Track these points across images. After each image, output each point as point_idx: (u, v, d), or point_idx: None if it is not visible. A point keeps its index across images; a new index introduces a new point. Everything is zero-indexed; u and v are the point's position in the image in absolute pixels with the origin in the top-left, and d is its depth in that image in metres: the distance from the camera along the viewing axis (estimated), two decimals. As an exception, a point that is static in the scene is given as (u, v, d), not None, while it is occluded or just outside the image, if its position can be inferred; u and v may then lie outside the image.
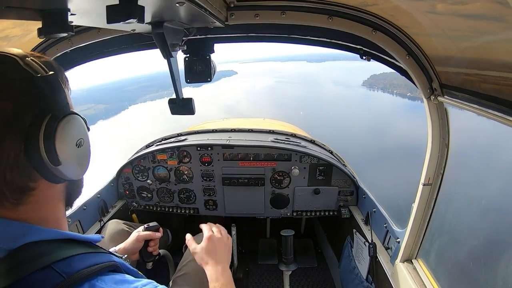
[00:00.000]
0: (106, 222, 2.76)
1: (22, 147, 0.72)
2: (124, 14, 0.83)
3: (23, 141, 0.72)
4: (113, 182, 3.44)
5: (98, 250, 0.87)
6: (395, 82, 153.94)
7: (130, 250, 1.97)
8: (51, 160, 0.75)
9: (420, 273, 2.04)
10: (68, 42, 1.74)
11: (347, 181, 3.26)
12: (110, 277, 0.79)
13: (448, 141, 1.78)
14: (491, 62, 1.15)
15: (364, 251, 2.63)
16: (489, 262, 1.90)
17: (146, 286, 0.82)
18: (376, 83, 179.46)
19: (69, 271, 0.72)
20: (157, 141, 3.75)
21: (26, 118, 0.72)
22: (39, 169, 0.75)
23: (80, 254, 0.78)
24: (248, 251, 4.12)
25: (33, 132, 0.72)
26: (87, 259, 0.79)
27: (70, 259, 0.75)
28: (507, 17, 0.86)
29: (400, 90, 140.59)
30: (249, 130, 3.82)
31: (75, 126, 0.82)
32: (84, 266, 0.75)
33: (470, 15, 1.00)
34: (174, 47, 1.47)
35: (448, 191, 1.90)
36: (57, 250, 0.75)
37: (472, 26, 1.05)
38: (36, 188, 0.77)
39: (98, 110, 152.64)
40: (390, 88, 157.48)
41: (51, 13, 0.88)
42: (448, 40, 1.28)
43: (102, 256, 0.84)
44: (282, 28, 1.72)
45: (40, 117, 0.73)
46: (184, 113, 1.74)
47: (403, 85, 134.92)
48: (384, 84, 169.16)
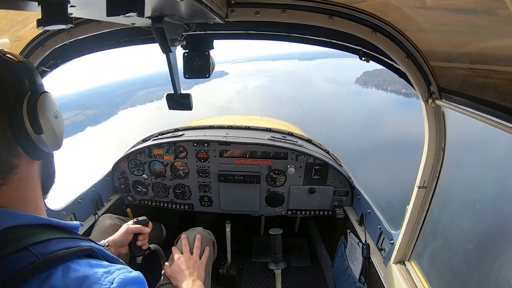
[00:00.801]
0: (100, 215, 2.76)
1: (7, 124, 0.78)
2: (124, 8, 0.83)
3: (8, 118, 0.78)
4: (108, 176, 3.44)
5: (76, 236, 0.89)
6: (388, 78, 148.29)
7: (118, 242, 1.99)
8: (34, 130, 0.81)
9: (412, 275, 2.05)
10: (67, 34, 1.73)
11: (343, 181, 3.27)
12: (85, 261, 0.81)
13: (444, 144, 1.79)
14: (490, 67, 1.16)
15: (358, 252, 2.64)
16: (481, 265, 1.91)
17: (120, 270, 0.83)
18: (370, 80, 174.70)
19: (45, 252, 0.75)
20: (154, 135, 3.74)
21: (9, 98, 0.79)
22: (23, 142, 0.80)
23: (57, 239, 0.81)
24: (241, 248, 4.12)
25: (17, 108, 0.79)
26: (64, 243, 0.81)
27: (46, 242, 0.78)
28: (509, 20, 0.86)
29: (394, 87, 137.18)
30: (246, 128, 3.82)
31: (51, 101, 0.89)
32: (60, 249, 0.78)
33: (467, 14, 1.00)
34: (173, 42, 1.47)
35: (443, 194, 1.91)
36: (35, 234, 0.78)
37: (472, 30, 1.05)
38: (19, 165, 0.82)
39: (86, 116, 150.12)
40: (384, 85, 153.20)
41: (51, 4, 0.87)
42: (448, 44, 1.29)
43: (79, 242, 0.86)
44: (282, 27, 1.71)
45: (21, 95, 0.81)
46: (182, 109, 1.74)
47: (397, 81, 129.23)
48: (378, 81, 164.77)
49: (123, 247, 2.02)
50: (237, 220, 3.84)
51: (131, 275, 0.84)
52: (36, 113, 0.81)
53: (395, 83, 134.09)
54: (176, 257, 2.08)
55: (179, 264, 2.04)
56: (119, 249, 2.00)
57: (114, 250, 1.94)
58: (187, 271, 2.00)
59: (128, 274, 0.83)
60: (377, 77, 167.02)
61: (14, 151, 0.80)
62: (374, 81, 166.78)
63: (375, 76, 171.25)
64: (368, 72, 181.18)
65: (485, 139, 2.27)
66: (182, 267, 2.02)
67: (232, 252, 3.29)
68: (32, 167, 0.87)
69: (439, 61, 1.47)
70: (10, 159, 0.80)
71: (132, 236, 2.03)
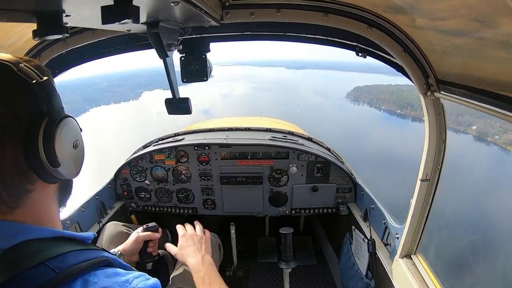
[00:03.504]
0: (105, 223, 2.75)
1: (21, 151, 0.73)
2: (119, 15, 0.83)
3: (22, 145, 0.73)
4: (111, 183, 3.43)
5: (91, 247, 0.88)
6: (382, 96, 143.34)
7: (129, 251, 1.97)
8: (50, 163, 0.77)
9: (419, 269, 2.05)
10: (63, 43, 1.73)
11: (345, 178, 3.27)
12: (102, 271, 0.80)
13: (445, 136, 1.79)
14: (487, 56, 1.16)
15: (363, 248, 2.63)
16: (488, 256, 1.91)
17: (138, 278, 0.82)
18: (361, 96, 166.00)
19: (62, 267, 0.73)
20: (154, 141, 3.74)
21: (23, 123, 0.74)
22: (38, 171, 0.77)
23: (73, 251, 0.79)
24: (247, 250, 4.11)
25: (32, 136, 0.74)
26: (80, 255, 0.79)
27: (63, 256, 0.76)
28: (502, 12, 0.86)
29: (388, 106, 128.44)
30: (246, 129, 3.82)
31: (71, 128, 0.84)
32: (77, 262, 0.76)
33: (463, 4, 1.00)
34: (169, 47, 1.47)
35: (446, 186, 1.91)
36: (50, 247, 0.76)
37: (468, 20, 1.05)
38: (33, 190, 0.79)
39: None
40: (378, 103, 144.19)
41: (45, 15, 0.87)
42: (444, 36, 1.28)
43: (95, 253, 0.85)
44: (277, 26, 1.71)
45: (37, 121, 0.76)
46: (181, 113, 1.74)
47: (391, 100, 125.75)
48: (370, 98, 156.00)
49: (134, 256, 2.01)
50: (242, 221, 3.83)
51: (149, 282, 0.84)
52: (53, 146, 0.77)
53: (388, 102, 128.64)
54: (181, 234, 2.01)
55: (185, 240, 1.96)
56: (130, 257, 1.99)
57: (125, 259, 1.92)
58: (193, 246, 1.92)
59: (146, 282, 0.83)
60: (369, 93, 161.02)
61: (28, 177, 0.77)
62: (366, 97, 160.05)
63: (367, 92, 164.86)
64: (359, 87, 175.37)
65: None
66: (188, 243, 1.94)
67: (238, 253, 3.28)
68: (47, 189, 0.84)
69: (436, 53, 1.47)
70: (24, 184, 0.76)
71: (143, 243, 2.02)
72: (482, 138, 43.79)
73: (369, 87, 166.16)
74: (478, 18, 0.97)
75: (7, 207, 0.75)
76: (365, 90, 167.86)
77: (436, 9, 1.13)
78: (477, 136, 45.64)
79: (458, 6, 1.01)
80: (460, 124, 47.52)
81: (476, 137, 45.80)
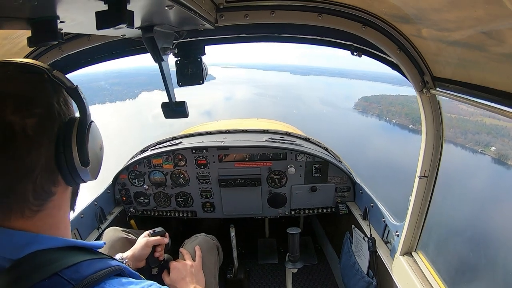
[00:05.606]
0: (104, 229, 2.74)
1: (53, 151, 0.76)
2: (113, 20, 0.83)
3: (54, 147, 0.76)
4: (109, 189, 3.42)
5: (102, 256, 0.88)
6: (392, 108, 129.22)
7: (138, 256, 1.96)
8: (82, 162, 0.81)
9: (420, 265, 2.05)
10: (58, 50, 1.73)
11: (344, 177, 3.28)
12: (116, 280, 0.80)
13: (442, 133, 1.80)
14: (481, 53, 1.16)
15: (364, 246, 2.64)
16: (488, 251, 1.92)
17: (151, 286, 0.83)
18: (370, 107, 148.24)
19: (77, 278, 0.72)
20: (152, 145, 3.73)
21: (56, 125, 0.77)
22: (65, 171, 0.79)
23: (86, 261, 0.79)
24: (248, 251, 4.12)
25: (66, 136, 0.78)
26: (93, 265, 0.79)
27: (77, 266, 0.75)
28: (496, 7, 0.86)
29: (399, 120, 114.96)
30: (244, 131, 3.82)
31: (97, 132, 0.91)
32: (91, 272, 0.76)
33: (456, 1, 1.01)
34: (165, 51, 1.47)
35: (445, 182, 1.91)
36: (63, 257, 0.76)
37: (460, 17, 1.06)
38: (56, 193, 0.80)
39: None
40: (388, 116, 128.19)
41: (40, 22, 0.87)
42: (438, 33, 1.29)
43: (106, 262, 0.85)
44: (272, 28, 1.72)
45: (69, 124, 0.80)
46: (178, 117, 1.74)
47: (402, 113, 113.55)
48: (380, 110, 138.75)
49: (142, 261, 2.00)
50: (241, 223, 3.83)
51: None
52: (86, 145, 0.81)
53: (400, 116, 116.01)
54: (172, 266, 2.02)
55: (176, 272, 1.96)
56: (137, 263, 1.97)
57: (132, 265, 1.92)
58: (186, 279, 1.93)
59: None
60: (378, 104, 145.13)
61: (55, 179, 0.79)
62: (376, 109, 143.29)
63: (376, 103, 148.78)
64: (367, 97, 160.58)
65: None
66: (180, 275, 1.94)
67: (238, 256, 3.28)
68: (66, 193, 0.86)
69: (431, 50, 1.48)
70: (50, 187, 0.78)
71: (151, 248, 2.02)
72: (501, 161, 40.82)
73: (377, 97, 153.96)
74: (473, 15, 0.98)
75: (30, 211, 0.75)
76: (373, 100, 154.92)
77: (430, 7, 1.14)
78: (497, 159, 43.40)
79: (453, 4, 1.01)
80: (477, 144, 46.17)
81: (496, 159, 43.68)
